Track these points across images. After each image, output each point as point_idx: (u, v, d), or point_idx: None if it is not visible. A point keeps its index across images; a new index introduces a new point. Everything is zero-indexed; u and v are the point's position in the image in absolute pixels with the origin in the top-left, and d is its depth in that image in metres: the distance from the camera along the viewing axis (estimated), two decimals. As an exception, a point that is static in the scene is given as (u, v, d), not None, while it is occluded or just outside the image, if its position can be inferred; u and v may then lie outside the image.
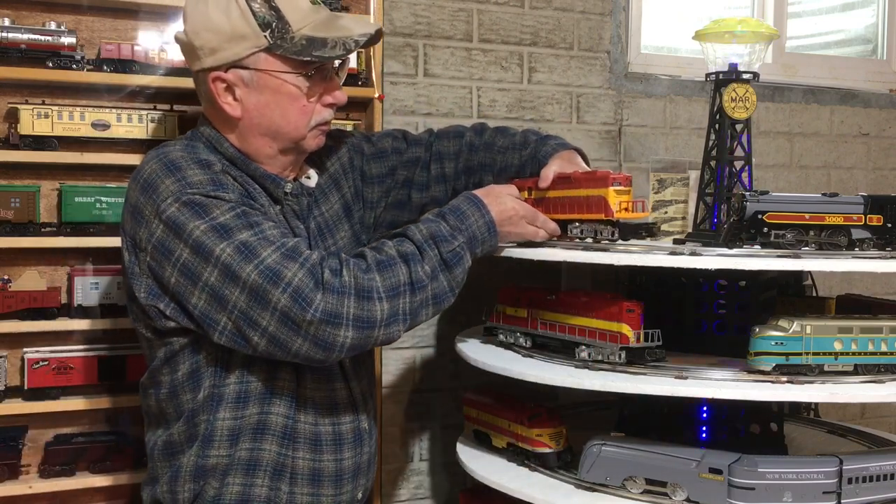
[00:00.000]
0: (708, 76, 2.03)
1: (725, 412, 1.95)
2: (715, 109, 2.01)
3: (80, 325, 2.07)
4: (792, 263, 1.65)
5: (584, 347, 1.82)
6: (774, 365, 1.68)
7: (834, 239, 1.77)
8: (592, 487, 1.76)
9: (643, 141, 2.83)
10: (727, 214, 1.96)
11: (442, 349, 2.59)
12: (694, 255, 1.71)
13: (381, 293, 1.48)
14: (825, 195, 1.80)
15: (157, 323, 1.55)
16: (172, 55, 2.14)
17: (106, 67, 2.08)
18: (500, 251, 1.81)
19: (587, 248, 1.78)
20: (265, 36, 1.51)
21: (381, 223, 1.94)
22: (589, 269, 2.45)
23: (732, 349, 1.86)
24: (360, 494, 1.75)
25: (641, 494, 1.72)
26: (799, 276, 2.24)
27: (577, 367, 1.81)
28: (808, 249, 1.76)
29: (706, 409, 1.95)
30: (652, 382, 1.70)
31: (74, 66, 2.04)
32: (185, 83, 2.14)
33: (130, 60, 2.09)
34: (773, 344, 1.68)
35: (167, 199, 1.45)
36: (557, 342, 1.91)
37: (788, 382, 1.67)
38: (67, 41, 2.05)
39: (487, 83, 2.64)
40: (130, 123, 2.11)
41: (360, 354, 1.69)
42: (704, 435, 1.94)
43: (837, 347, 1.70)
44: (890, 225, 1.79)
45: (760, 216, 1.75)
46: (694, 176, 2.22)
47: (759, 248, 1.75)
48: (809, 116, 3.09)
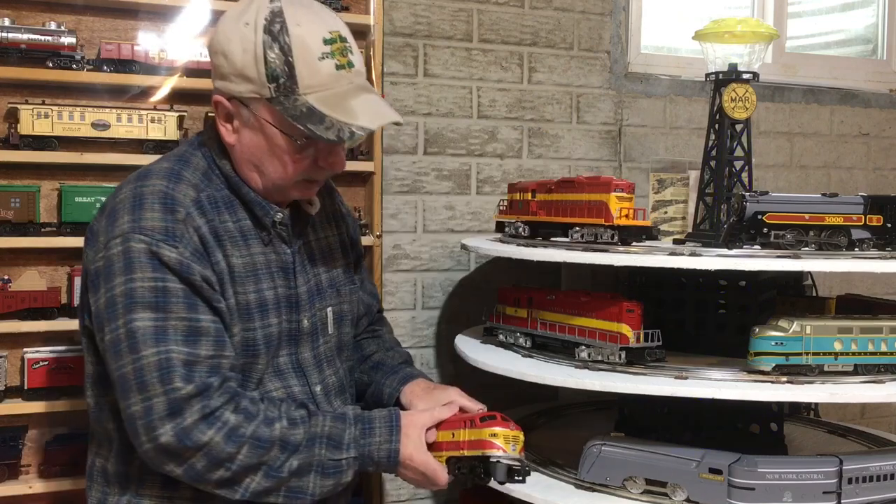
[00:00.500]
0: (708, 76, 2.03)
1: (725, 412, 1.95)
2: (715, 109, 2.01)
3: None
4: (792, 263, 1.65)
5: (584, 347, 1.82)
6: (774, 365, 1.68)
7: (834, 239, 1.77)
8: (592, 487, 1.76)
9: (643, 141, 2.83)
10: (727, 214, 1.96)
11: (442, 349, 2.59)
12: (694, 255, 1.71)
13: (232, 466, 1.39)
14: (825, 195, 1.80)
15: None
16: (172, 55, 2.14)
17: (106, 67, 2.08)
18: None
19: (587, 248, 1.78)
20: (270, 88, 1.43)
21: None
22: (589, 269, 2.45)
23: (732, 349, 1.86)
24: None
25: (641, 494, 1.72)
26: (799, 276, 2.24)
27: (577, 367, 1.81)
28: (808, 249, 1.76)
29: (706, 409, 1.95)
30: (652, 382, 1.70)
31: (74, 66, 2.04)
32: (185, 83, 2.15)
33: (130, 60, 2.09)
34: (773, 344, 1.68)
35: (117, 237, 1.42)
36: (557, 342, 1.92)
37: (788, 382, 1.67)
38: (67, 41, 2.05)
39: (487, 83, 2.64)
40: (130, 123, 2.11)
41: (333, 347, 1.65)
42: (704, 435, 1.94)
43: (837, 347, 1.70)
44: (890, 225, 1.79)
45: (760, 216, 1.75)
46: (694, 176, 2.22)
47: (758, 248, 1.75)
48: (809, 116, 3.09)
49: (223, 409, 1.39)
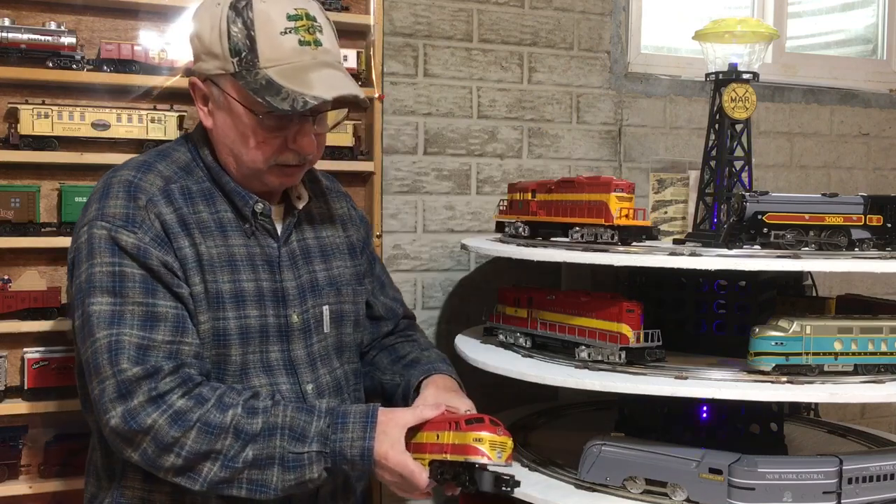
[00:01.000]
0: (708, 76, 2.03)
1: (725, 412, 1.95)
2: (715, 109, 2.01)
3: (80, 325, 2.07)
4: (792, 263, 1.65)
5: (584, 347, 1.82)
6: (774, 365, 1.68)
7: (834, 239, 1.77)
8: (592, 487, 1.76)
9: (643, 141, 2.83)
10: (727, 214, 1.96)
11: (442, 349, 2.58)
12: (694, 255, 1.71)
13: (182, 452, 1.37)
14: (825, 195, 1.80)
15: None
16: (172, 55, 2.14)
17: (106, 67, 2.08)
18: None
19: (587, 248, 1.78)
20: (233, 62, 1.45)
21: None
22: (589, 269, 2.45)
23: (732, 349, 1.86)
24: None
25: (641, 494, 1.71)
26: (799, 276, 2.24)
27: (577, 367, 1.81)
28: (807, 249, 1.76)
29: (706, 409, 1.95)
30: (652, 382, 1.70)
31: (74, 66, 2.04)
32: (185, 83, 2.14)
33: (130, 60, 2.09)
34: (773, 344, 1.68)
35: (85, 224, 1.47)
36: (557, 342, 1.91)
37: (788, 382, 1.67)
38: (67, 41, 2.05)
39: (487, 83, 2.64)
40: (130, 123, 2.11)
41: (330, 346, 1.63)
42: (704, 435, 1.94)
43: (837, 347, 1.70)
44: (890, 225, 1.79)
45: (760, 216, 1.75)
46: (694, 176, 2.22)
47: (758, 248, 1.75)
48: (809, 116, 3.09)
49: (171, 392, 1.38)
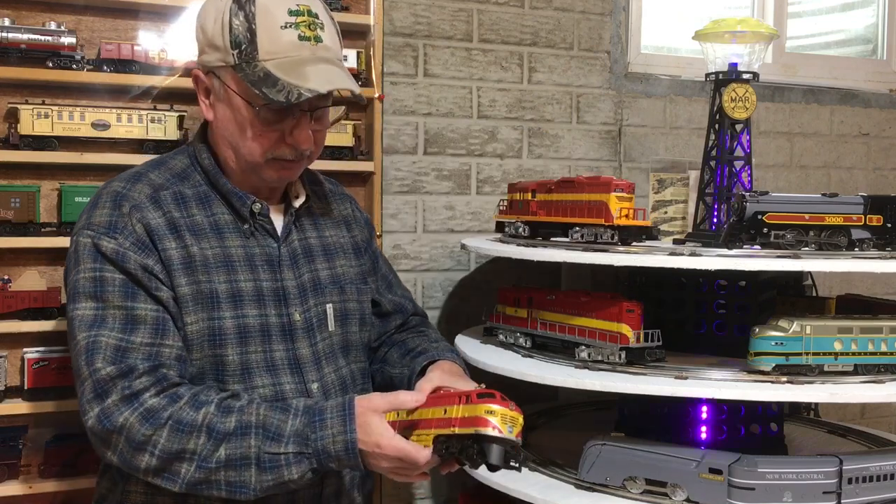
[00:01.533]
0: (708, 76, 2.04)
1: (725, 412, 1.95)
2: (715, 109, 2.01)
3: (80, 325, 2.07)
4: (792, 263, 1.65)
5: (584, 347, 1.82)
6: (774, 365, 1.68)
7: (834, 239, 1.77)
8: (592, 487, 1.76)
9: (643, 141, 2.83)
10: (727, 214, 1.96)
11: (442, 349, 2.59)
12: (694, 255, 1.71)
13: (155, 451, 1.37)
14: (825, 195, 1.80)
15: None
16: (172, 55, 2.14)
17: (106, 67, 2.08)
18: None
19: (587, 248, 1.78)
20: (233, 54, 1.47)
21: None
22: (589, 269, 2.45)
23: (732, 349, 1.86)
24: None
25: (641, 494, 1.72)
26: (799, 276, 2.24)
27: (577, 367, 1.82)
28: (807, 249, 1.76)
29: (706, 409, 1.95)
30: (652, 382, 1.70)
31: (74, 66, 2.04)
32: (185, 83, 2.15)
33: (130, 60, 2.09)
34: (773, 344, 1.68)
35: (74, 234, 1.52)
36: (557, 342, 1.92)
37: (788, 382, 1.67)
38: (67, 41, 2.05)
39: (487, 83, 2.64)
40: (130, 123, 2.11)
41: (336, 345, 1.63)
42: (704, 435, 1.94)
43: (837, 347, 1.70)
44: (890, 225, 1.79)
45: (760, 216, 1.75)
46: (694, 176, 2.22)
47: (758, 248, 1.75)
48: (809, 116, 3.09)
49: (145, 391, 1.39)
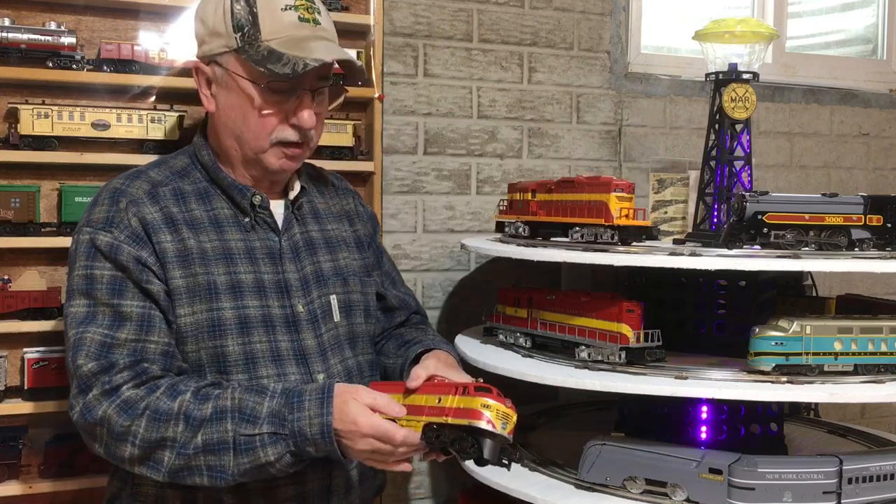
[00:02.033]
0: (708, 76, 2.04)
1: (725, 412, 1.95)
2: (715, 109, 2.01)
3: (80, 325, 2.07)
4: (792, 263, 1.65)
5: (584, 347, 1.82)
6: (774, 365, 1.68)
7: (834, 239, 1.77)
8: (592, 487, 1.76)
9: (643, 141, 2.83)
10: (727, 214, 1.96)
11: (442, 349, 2.59)
12: (694, 255, 1.71)
13: (135, 441, 1.39)
14: (825, 195, 1.80)
15: None
16: (172, 55, 2.13)
17: (106, 67, 2.08)
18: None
19: (587, 248, 1.78)
20: (236, 38, 1.51)
21: None
22: (589, 269, 2.45)
23: (732, 349, 1.86)
24: None
25: (641, 494, 1.72)
26: (799, 276, 2.24)
27: (577, 367, 1.82)
28: (808, 250, 1.76)
29: (706, 409, 1.95)
30: (652, 382, 1.70)
31: (74, 66, 2.04)
32: (185, 83, 2.15)
33: (130, 60, 2.09)
34: (773, 344, 1.68)
35: (77, 231, 1.55)
36: (557, 342, 1.92)
37: (788, 382, 1.67)
38: (67, 41, 2.04)
39: (487, 83, 2.64)
40: (130, 123, 2.11)
41: (342, 336, 1.64)
42: (704, 435, 1.94)
43: (837, 347, 1.70)
44: (890, 225, 1.79)
45: (760, 216, 1.75)
46: (694, 176, 2.22)
47: (758, 248, 1.75)
48: (809, 116, 3.09)
49: (124, 385, 1.42)
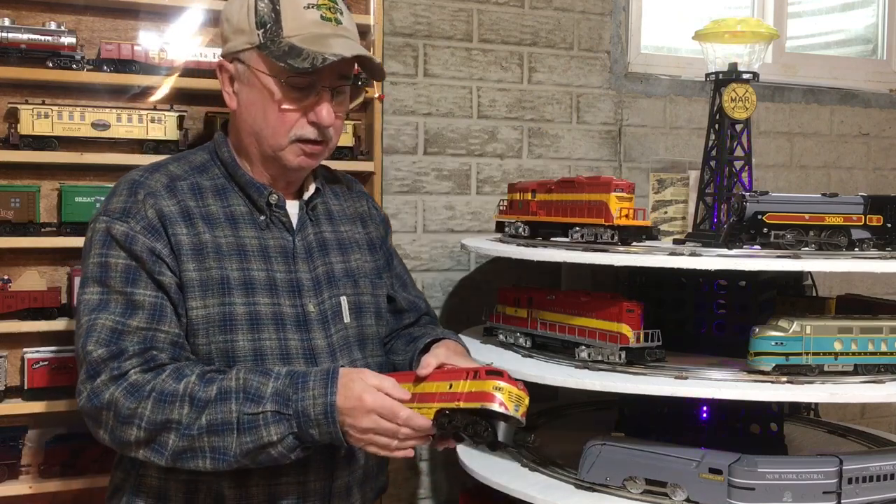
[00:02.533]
0: (708, 76, 2.04)
1: (725, 412, 1.95)
2: (715, 109, 2.01)
3: (80, 325, 2.07)
4: (792, 263, 1.65)
5: (584, 347, 1.82)
6: (774, 365, 1.68)
7: (834, 239, 1.77)
8: (592, 487, 1.76)
9: (643, 141, 2.83)
10: (727, 214, 1.96)
11: (442, 349, 2.59)
12: (694, 255, 1.71)
13: (141, 423, 1.40)
14: (825, 195, 1.80)
15: None
16: (172, 55, 2.13)
17: (106, 67, 2.08)
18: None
19: (587, 248, 1.78)
20: (259, 34, 1.53)
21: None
22: (589, 269, 2.45)
23: (732, 349, 1.86)
24: None
25: (641, 494, 1.72)
26: (799, 276, 2.24)
27: (577, 367, 1.82)
28: (808, 250, 1.76)
29: (706, 409, 1.95)
30: (652, 382, 1.70)
31: (74, 66, 2.04)
32: (185, 83, 2.15)
33: (130, 60, 2.09)
34: (773, 344, 1.68)
35: (91, 222, 1.55)
36: (557, 342, 1.92)
37: (788, 382, 1.67)
38: (67, 41, 2.04)
39: (487, 83, 2.64)
40: (130, 123, 2.11)
41: (352, 337, 1.64)
42: (704, 435, 1.94)
43: (837, 347, 1.70)
44: (890, 225, 1.79)
45: (760, 216, 1.75)
46: (694, 176, 2.22)
47: (758, 248, 1.75)
48: (809, 116, 3.09)
49: (132, 370, 1.43)
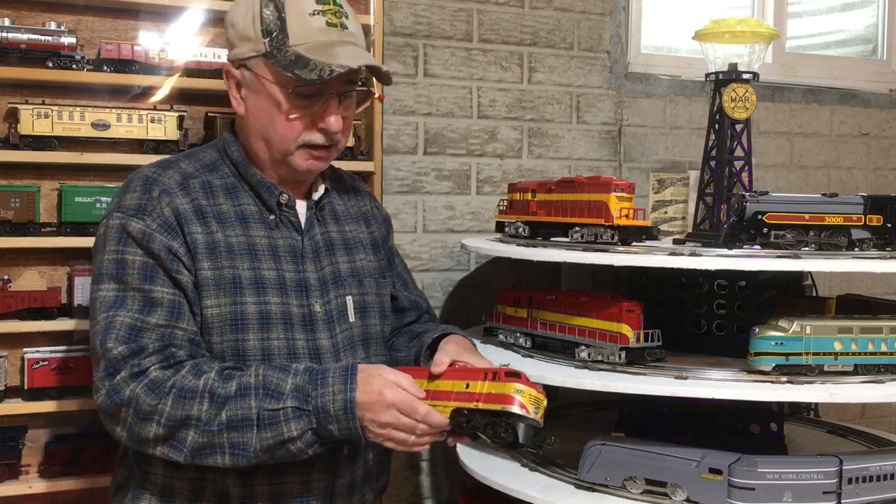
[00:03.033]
0: (708, 76, 2.03)
1: (725, 412, 1.95)
2: (715, 109, 2.01)
3: (80, 325, 2.07)
4: (792, 263, 1.65)
5: (584, 347, 1.82)
6: (774, 365, 1.68)
7: (834, 239, 1.77)
8: (592, 487, 1.76)
9: (643, 141, 2.83)
10: (727, 214, 1.96)
11: (442, 349, 2.59)
12: (694, 255, 1.71)
13: (161, 420, 1.41)
14: (825, 195, 1.80)
15: None
16: (172, 55, 2.14)
17: (106, 67, 2.08)
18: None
19: (587, 248, 1.78)
20: (265, 42, 1.53)
21: None
22: (589, 269, 2.45)
23: (732, 349, 1.86)
24: None
25: (641, 494, 1.71)
26: (799, 276, 2.24)
27: (577, 367, 1.82)
28: (808, 250, 1.76)
29: (706, 409, 1.95)
30: (652, 382, 1.70)
31: (74, 66, 2.04)
32: (185, 83, 2.15)
33: (130, 60, 2.09)
34: (773, 344, 1.68)
35: (104, 218, 1.55)
36: (557, 342, 1.92)
37: (788, 382, 1.67)
38: (67, 41, 2.04)
39: (487, 83, 2.64)
40: (130, 123, 2.11)
41: (356, 336, 1.65)
42: (704, 435, 1.94)
43: (837, 347, 1.70)
44: (890, 225, 1.79)
45: (760, 216, 1.75)
46: (694, 176, 2.22)
47: (758, 248, 1.75)
48: (809, 116, 3.09)
49: (152, 367, 1.43)
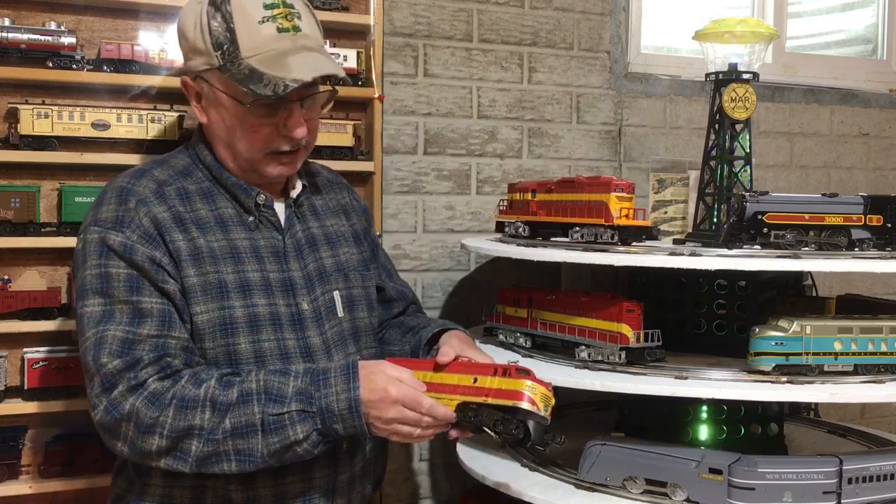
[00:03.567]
0: (708, 76, 2.03)
1: (725, 412, 1.95)
2: (715, 109, 2.01)
3: (80, 325, 2.07)
4: (792, 263, 1.65)
5: (584, 347, 1.82)
6: (774, 365, 1.68)
7: (834, 239, 1.77)
8: (592, 487, 1.76)
9: (643, 141, 2.83)
10: (727, 215, 1.96)
11: (442, 349, 2.59)
12: (694, 255, 1.71)
13: (164, 432, 1.40)
14: (825, 195, 1.80)
15: None
16: (172, 55, 2.13)
17: (106, 67, 2.08)
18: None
19: (587, 248, 1.78)
20: (216, 56, 1.49)
21: None
22: (589, 269, 2.45)
23: (732, 349, 1.86)
24: None
25: (641, 494, 1.72)
26: (799, 276, 2.24)
27: (577, 367, 1.82)
28: (808, 250, 1.76)
29: (706, 409, 1.95)
30: (652, 382, 1.70)
31: (74, 66, 2.04)
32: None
33: (130, 60, 2.09)
34: (773, 344, 1.68)
35: (81, 232, 1.53)
36: (557, 342, 1.92)
37: (788, 382, 1.67)
38: (67, 41, 2.04)
39: (487, 83, 2.64)
40: (130, 123, 2.11)
41: (346, 331, 1.65)
42: (704, 435, 1.94)
43: (837, 347, 1.70)
44: (890, 225, 1.79)
45: (760, 216, 1.75)
46: (694, 176, 2.22)
47: (758, 248, 1.75)
48: (809, 116, 3.09)
49: (150, 379, 1.42)
